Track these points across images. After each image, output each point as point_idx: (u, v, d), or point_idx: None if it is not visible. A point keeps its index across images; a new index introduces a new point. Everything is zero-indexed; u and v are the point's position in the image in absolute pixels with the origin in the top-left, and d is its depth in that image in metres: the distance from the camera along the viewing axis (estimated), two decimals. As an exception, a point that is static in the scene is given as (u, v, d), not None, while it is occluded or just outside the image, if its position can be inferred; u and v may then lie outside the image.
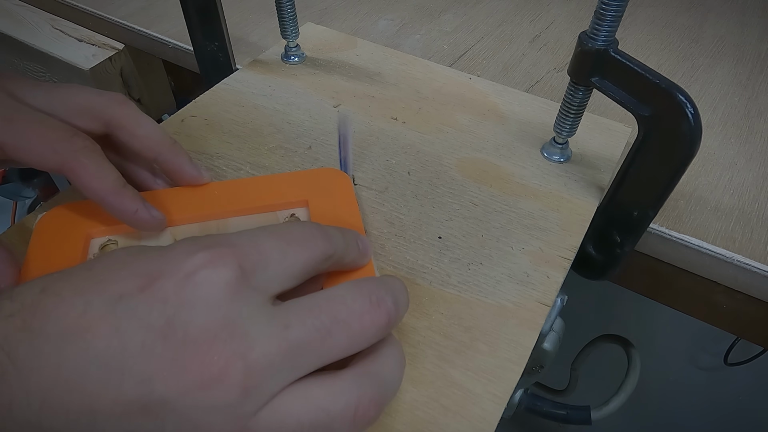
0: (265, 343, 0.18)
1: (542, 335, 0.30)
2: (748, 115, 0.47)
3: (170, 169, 0.30)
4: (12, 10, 0.60)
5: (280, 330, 0.18)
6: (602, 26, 0.29)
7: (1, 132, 0.25)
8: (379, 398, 0.19)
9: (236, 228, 0.30)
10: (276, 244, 0.21)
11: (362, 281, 0.21)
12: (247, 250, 0.19)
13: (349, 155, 0.33)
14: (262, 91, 0.42)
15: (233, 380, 0.17)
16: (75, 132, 0.27)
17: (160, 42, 0.53)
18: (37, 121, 0.26)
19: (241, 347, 0.18)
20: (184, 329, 0.17)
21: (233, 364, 0.17)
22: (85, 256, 0.28)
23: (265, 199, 0.31)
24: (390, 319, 0.20)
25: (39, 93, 0.28)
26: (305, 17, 0.56)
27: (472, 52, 0.53)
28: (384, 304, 0.20)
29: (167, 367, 0.17)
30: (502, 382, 0.26)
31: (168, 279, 0.18)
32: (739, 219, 0.38)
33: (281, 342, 0.18)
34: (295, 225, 0.23)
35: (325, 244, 0.22)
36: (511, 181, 0.36)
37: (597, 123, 0.40)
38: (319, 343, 0.19)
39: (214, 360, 0.17)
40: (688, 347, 1.22)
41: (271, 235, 0.21)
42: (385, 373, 0.20)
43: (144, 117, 0.29)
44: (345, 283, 0.21)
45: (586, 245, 0.35)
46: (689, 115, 0.27)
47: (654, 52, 0.54)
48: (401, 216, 0.33)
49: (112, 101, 0.28)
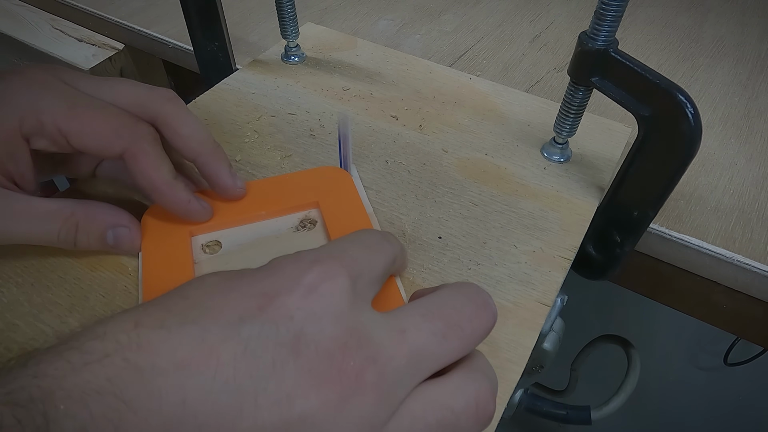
0: (389, 347, 0.18)
1: (542, 335, 0.30)
2: (748, 115, 0.47)
3: (207, 173, 0.29)
4: (12, 10, 0.60)
5: (397, 335, 0.18)
6: (602, 26, 0.29)
7: (64, 119, 0.25)
8: (493, 390, 0.20)
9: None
10: (363, 253, 0.21)
11: (462, 285, 0.21)
12: (348, 261, 0.20)
13: (349, 155, 0.33)
14: (262, 91, 0.42)
15: (369, 386, 0.17)
16: (138, 119, 0.27)
17: (160, 42, 0.53)
18: (100, 107, 0.26)
19: (370, 352, 0.18)
20: (315, 342, 0.17)
21: (367, 369, 0.17)
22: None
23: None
24: (495, 319, 0.21)
25: (90, 84, 0.28)
26: (305, 17, 0.56)
27: (472, 52, 0.53)
28: (489, 307, 0.21)
29: (305, 382, 0.17)
30: (502, 382, 0.25)
31: (288, 295, 0.18)
32: (739, 219, 0.38)
33: (402, 346, 0.18)
34: (364, 233, 0.23)
35: (392, 248, 0.23)
36: (511, 181, 0.36)
37: (597, 123, 0.40)
38: (437, 347, 0.19)
39: (351, 366, 0.17)
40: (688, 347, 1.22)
41: (354, 244, 0.21)
42: (487, 368, 0.20)
43: (190, 116, 0.29)
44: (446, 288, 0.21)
45: (586, 245, 0.35)
46: (689, 115, 0.27)
47: (654, 52, 0.54)
48: (401, 216, 0.33)
49: (160, 97, 0.28)
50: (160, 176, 0.26)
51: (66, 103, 0.26)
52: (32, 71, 0.27)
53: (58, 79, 0.27)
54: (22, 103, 0.25)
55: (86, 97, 0.27)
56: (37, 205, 0.26)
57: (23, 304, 0.27)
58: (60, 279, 0.28)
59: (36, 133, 0.26)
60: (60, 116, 0.25)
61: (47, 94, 0.26)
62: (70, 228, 0.26)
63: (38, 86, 0.26)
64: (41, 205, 0.26)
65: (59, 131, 0.25)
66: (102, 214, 0.28)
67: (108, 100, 0.27)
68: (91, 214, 0.27)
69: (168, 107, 0.28)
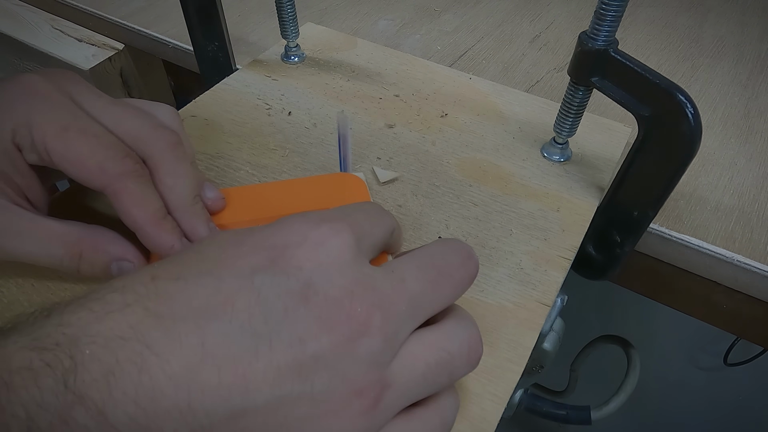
0: (392, 294, 0.20)
1: (542, 335, 0.30)
2: (748, 115, 0.47)
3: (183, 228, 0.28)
4: (12, 10, 0.60)
5: (398, 283, 0.20)
6: (602, 26, 0.29)
7: (52, 139, 0.24)
8: (480, 336, 0.22)
9: None
10: (366, 218, 0.22)
11: (447, 240, 0.23)
12: (352, 222, 0.21)
13: (349, 155, 0.33)
14: (262, 91, 0.42)
15: (375, 329, 0.18)
16: (127, 153, 0.26)
17: (160, 42, 0.53)
18: (92, 134, 0.25)
19: (375, 299, 0.19)
20: (324, 290, 0.18)
21: (374, 314, 0.19)
22: None
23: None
24: (478, 268, 0.23)
25: (97, 103, 0.27)
26: (305, 17, 0.56)
27: (472, 52, 0.53)
28: (473, 257, 0.23)
29: (316, 326, 0.18)
30: (502, 382, 0.26)
31: (297, 248, 0.19)
32: (739, 219, 0.38)
33: (403, 293, 0.20)
34: (366, 203, 0.25)
35: (391, 220, 0.24)
36: (511, 181, 0.36)
37: (597, 123, 0.40)
38: (432, 294, 0.21)
39: (358, 312, 0.18)
40: (688, 347, 1.22)
41: (357, 210, 0.23)
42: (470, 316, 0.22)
43: (182, 168, 0.27)
44: (434, 243, 0.23)
45: (586, 245, 0.35)
46: (689, 115, 0.27)
47: (654, 52, 0.54)
48: (401, 216, 0.33)
49: (161, 140, 0.27)
50: (142, 215, 0.25)
51: (60, 122, 0.25)
52: (36, 79, 0.26)
53: (63, 92, 0.26)
54: (18, 113, 0.25)
55: (85, 118, 0.26)
56: (43, 226, 0.25)
57: (23, 304, 0.27)
58: (60, 279, 0.28)
59: (26, 147, 0.25)
60: (49, 135, 0.24)
61: (44, 107, 0.25)
62: (73, 256, 0.26)
63: (37, 98, 0.25)
64: (47, 226, 0.25)
65: (45, 150, 0.25)
66: (108, 245, 0.26)
67: (108, 126, 0.26)
68: (96, 245, 0.26)
69: (164, 153, 0.27)
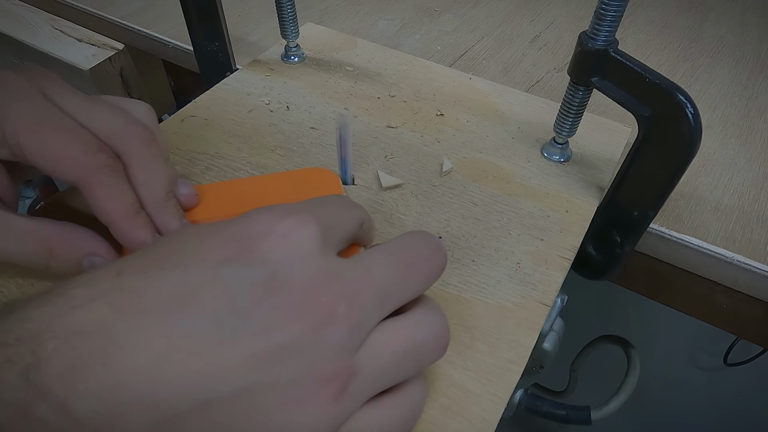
0: (358, 285, 0.20)
1: (542, 335, 0.30)
2: (748, 115, 0.47)
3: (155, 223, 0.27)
4: (12, 10, 0.60)
5: (364, 274, 0.20)
6: (602, 26, 0.29)
7: (25, 134, 0.24)
8: (447, 324, 0.22)
9: None
10: (333, 211, 0.23)
11: (415, 232, 0.23)
12: (319, 214, 0.21)
13: (349, 155, 0.33)
14: (262, 91, 0.42)
15: (341, 318, 0.19)
16: (101, 147, 0.25)
17: (160, 42, 0.53)
18: (65, 129, 0.25)
19: (341, 290, 0.19)
20: (289, 281, 0.19)
21: (339, 304, 0.19)
22: None
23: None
24: (446, 260, 0.23)
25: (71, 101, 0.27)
26: (305, 17, 0.56)
27: (472, 52, 0.53)
28: (441, 249, 0.23)
29: (282, 316, 0.18)
30: (502, 381, 0.26)
31: (263, 240, 0.19)
32: (739, 219, 0.38)
33: (369, 284, 0.20)
34: (335, 197, 0.25)
35: (359, 213, 0.24)
36: (511, 181, 0.36)
37: (597, 123, 0.40)
38: (399, 284, 0.21)
39: (323, 301, 0.19)
40: (688, 347, 1.22)
41: (325, 202, 0.23)
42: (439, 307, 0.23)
43: (155, 164, 0.27)
44: (402, 236, 0.23)
45: (586, 245, 0.35)
46: (689, 115, 0.27)
47: (654, 52, 0.54)
48: (401, 216, 0.33)
49: (136, 135, 0.27)
50: (115, 209, 0.25)
51: (34, 117, 0.25)
52: (12, 77, 0.26)
53: (38, 90, 0.26)
54: None
55: (59, 114, 0.26)
56: (12, 223, 0.25)
57: (23, 304, 0.27)
58: (60, 279, 0.28)
59: None
60: (23, 130, 0.24)
61: (18, 103, 0.25)
62: (43, 252, 0.26)
63: (12, 94, 0.25)
64: (17, 223, 0.25)
65: (18, 145, 0.24)
66: (78, 241, 0.26)
67: (83, 122, 0.26)
68: (66, 241, 0.26)
69: (138, 149, 0.27)
